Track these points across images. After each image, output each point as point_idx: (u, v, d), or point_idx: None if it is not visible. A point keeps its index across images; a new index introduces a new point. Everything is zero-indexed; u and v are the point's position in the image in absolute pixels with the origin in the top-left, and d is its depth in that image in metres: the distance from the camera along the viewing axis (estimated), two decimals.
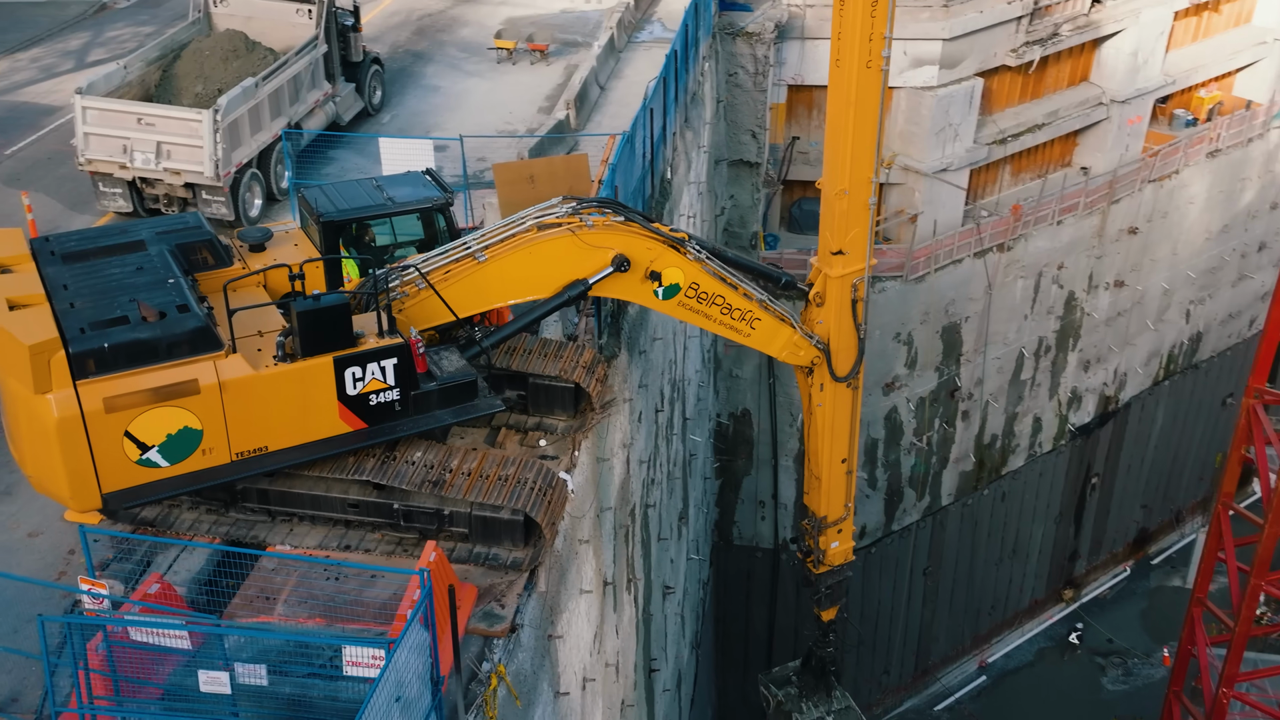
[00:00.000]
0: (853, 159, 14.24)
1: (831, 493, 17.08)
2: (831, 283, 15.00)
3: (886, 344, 33.04)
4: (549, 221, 12.52)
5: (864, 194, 14.58)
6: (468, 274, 12.17)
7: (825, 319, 15.37)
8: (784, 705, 19.46)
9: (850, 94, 13.90)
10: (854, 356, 15.75)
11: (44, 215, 19.24)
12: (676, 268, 13.49)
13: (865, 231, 14.84)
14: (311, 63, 20.58)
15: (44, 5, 29.08)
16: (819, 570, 17.99)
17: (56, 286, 10.76)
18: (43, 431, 10.33)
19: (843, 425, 16.43)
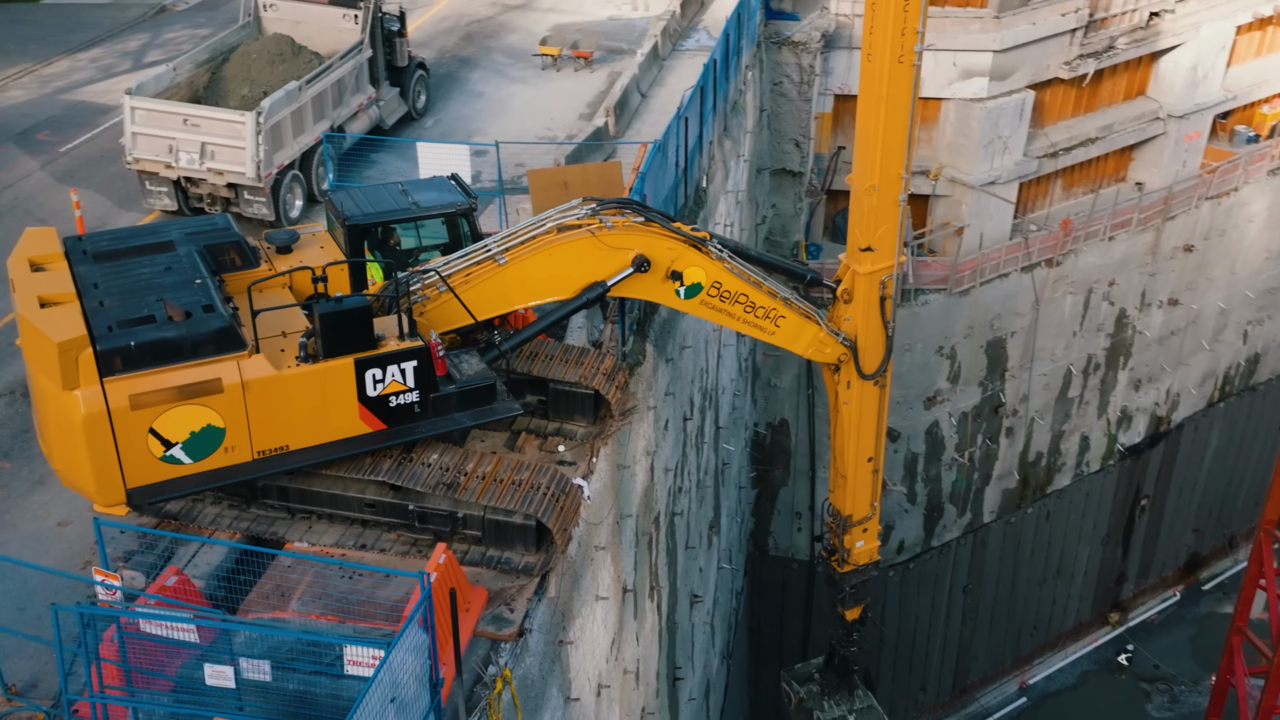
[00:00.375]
0: (883, 155, 14.09)
1: (857, 491, 16.94)
2: (860, 279, 14.87)
3: (928, 358, 32.70)
4: (569, 223, 12.59)
5: (894, 190, 14.45)
6: (488, 276, 12.27)
7: (853, 316, 15.25)
8: (805, 702, 19.34)
9: (882, 89, 13.76)
10: (882, 354, 15.61)
11: (93, 212, 19.79)
12: (698, 267, 13.49)
13: (895, 228, 14.71)
14: (356, 67, 20.91)
15: (106, 7, 29.88)
16: (843, 569, 17.87)
17: (87, 285, 11.00)
18: (70, 427, 10.56)
19: (869, 423, 16.28)
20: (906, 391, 33.15)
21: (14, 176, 21.01)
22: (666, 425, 18.50)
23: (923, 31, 13.96)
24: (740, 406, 29.22)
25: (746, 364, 30.42)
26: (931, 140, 32.55)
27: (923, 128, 32.55)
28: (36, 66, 25.95)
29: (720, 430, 25.52)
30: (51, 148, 22.10)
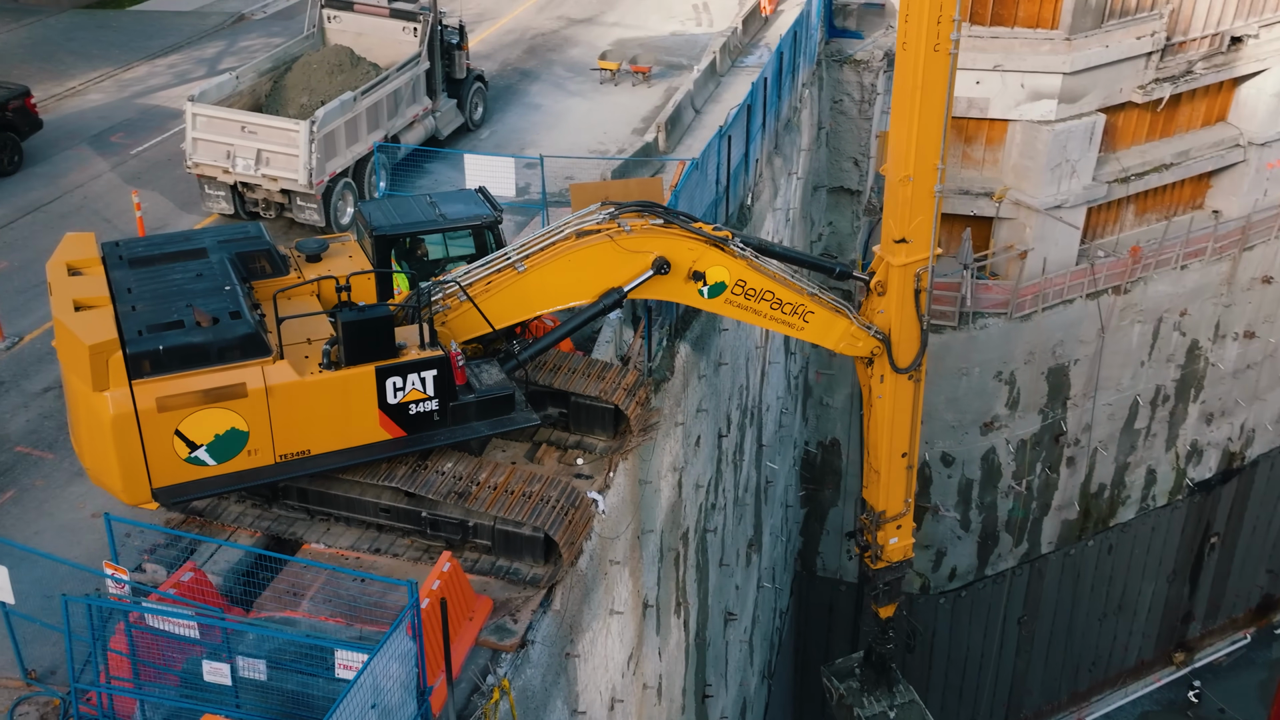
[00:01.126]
0: (918, 145, 13.85)
1: (891, 487, 16.70)
2: (893, 271, 14.65)
3: (986, 382, 32.15)
4: (588, 228, 12.66)
5: (929, 181, 14.21)
6: (508, 284, 12.41)
7: (886, 309, 15.02)
8: (846, 698, 19.15)
9: (917, 78, 13.53)
10: (916, 348, 15.35)
11: (155, 214, 20.53)
12: (721, 266, 13.45)
13: (930, 220, 14.48)
14: (413, 79, 21.35)
15: (187, 15, 30.96)
16: (876, 566, 17.65)
17: (121, 290, 11.34)
18: (99, 427, 10.86)
19: (904, 418, 16.02)
20: (962, 416, 32.63)
21: (85, 177, 21.89)
22: (698, 441, 18.50)
23: (959, 19, 13.68)
24: (788, 424, 29.04)
25: (797, 381, 30.25)
26: (997, 162, 32.04)
27: (988, 149, 32.09)
28: (117, 71, 27.00)
29: (763, 448, 25.41)
30: (123, 150, 22.98)
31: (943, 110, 13.79)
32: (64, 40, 28.77)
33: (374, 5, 22.03)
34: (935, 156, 14.07)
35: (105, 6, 31.51)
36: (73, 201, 20.99)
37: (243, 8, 31.21)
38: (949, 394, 32.21)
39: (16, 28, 29.64)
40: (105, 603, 10.04)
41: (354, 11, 22.12)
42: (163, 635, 10.04)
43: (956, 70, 14.00)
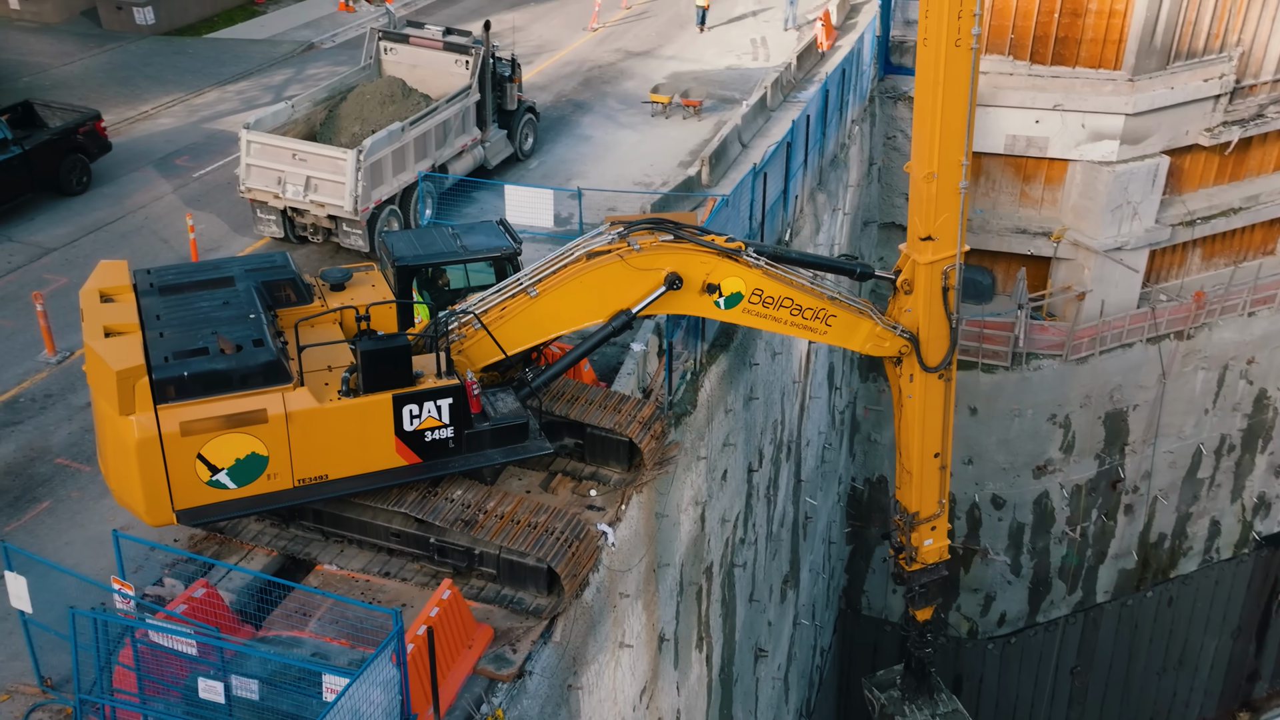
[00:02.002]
0: (941, 141, 13.70)
1: (924, 488, 16.46)
2: (920, 269, 14.47)
3: (1040, 425, 31.55)
4: (598, 249, 12.76)
5: (954, 177, 14.04)
6: (522, 310, 12.58)
7: (914, 307, 14.84)
8: (887, 708, 18.84)
9: (939, 73, 13.40)
10: (946, 347, 15.15)
11: (211, 235, 21.25)
12: (736, 277, 13.46)
13: (956, 216, 14.28)
14: (462, 110, 21.82)
15: (260, 43, 32.04)
16: (911, 568, 17.39)
17: (150, 316, 11.73)
18: (124, 450, 11.19)
19: (935, 418, 15.78)
20: (1014, 458, 32.04)
21: (148, 198, 22.75)
22: (725, 476, 18.50)
23: (980, 14, 13.54)
24: (832, 460, 28.83)
25: (843, 416, 30.03)
26: (1056, 201, 31.57)
27: (1047, 188, 31.66)
28: (188, 96, 28.04)
29: (802, 483, 25.26)
30: (186, 173, 23.83)
31: (966, 106, 13.63)
32: (141, 66, 29.98)
33: (429, 39, 22.61)
34: (959, 152, 13.90)
35: (183, 34, 32.77)
36: (134, 222, 21.82)
37: (313, 37, 32.20)
38: (1000, 435, 31.68)
39: (100, 53, 30.96)
40: (110, 617, 10.39)
41: (410, 44, 22.72)
42: (165, 651, 10.36)
43: (979, 65, 13.83)
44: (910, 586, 17.62)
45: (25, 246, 20.84)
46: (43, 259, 20.48)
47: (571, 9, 34.75)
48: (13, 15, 33.21)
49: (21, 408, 16.29)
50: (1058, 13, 29.14)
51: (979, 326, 30.58)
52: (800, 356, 23.08)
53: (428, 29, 22.90)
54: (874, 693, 19.11)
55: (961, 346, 30.62)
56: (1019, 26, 29.64)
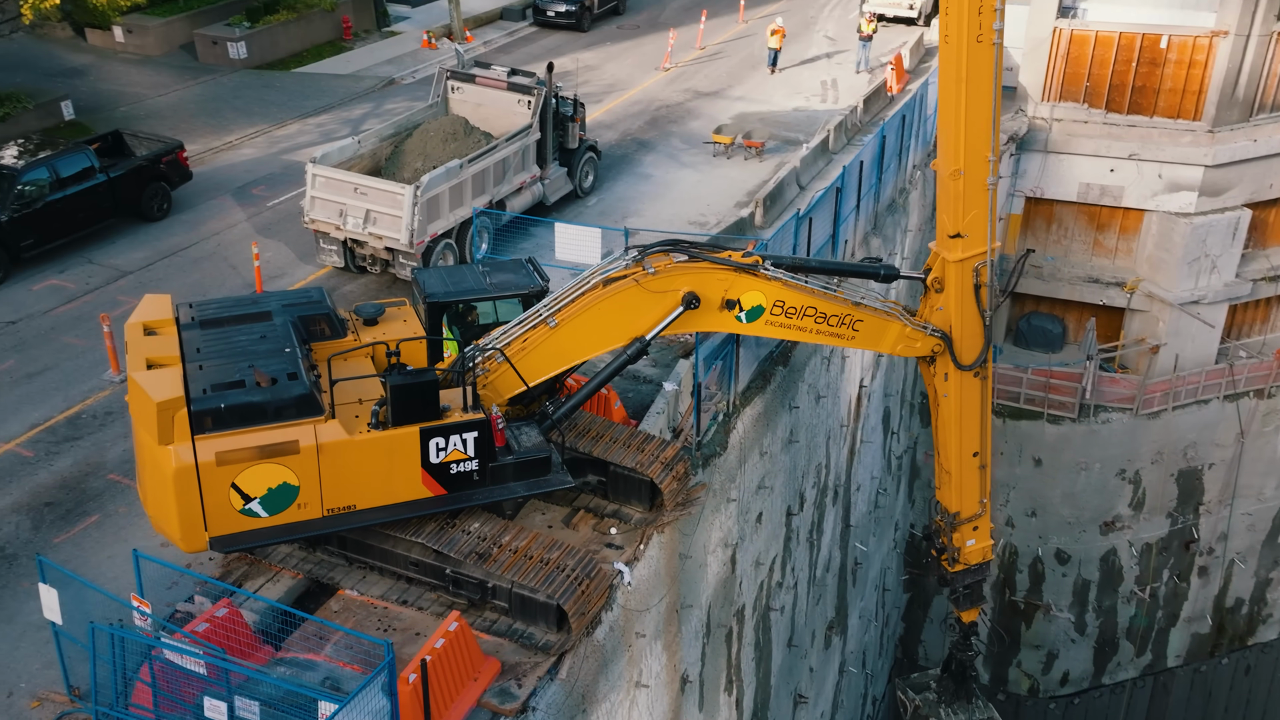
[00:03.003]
0: (967, 138, 13.56)
1: (964, 488, 16.17)
2: (950, 267, 14.29)
3: (1108, 480, 30.71)
4: (614, 275, 12.90)
5: (981, 174, 13.85)
6: (543, 341, 12.78)
7: (946, 305, 14.62)
8: (921, 710, 18.42)
9: (961, 70, 13.27)
10: (979, 344, 14.91)
11: (277, 263, 22.08)
12: (755, 291, 13.45)
13: (985, 213, 14.09)
14: (522, 148, 22.35)
15: (344, 78, 33.23)
16: (954, 569, 17.08)
17: (191, 349, 12.17)
18: (162, 478, 11.56)
19: (972, 417, 15.51)
20: (1080, 513, 31.24)
21: (222, 225, 23.75)
22: (759, 518, 18.46)
23: (1001, 9, 13.39)
24: (887, 505, 28.47)
25: (900, 461, 29.66)
26: (1130, 251, 30.90)
27: (1121, 237, 31.01)
28: (271, 128, 29.20)
29: (851, 528, 25.01)
30: (260, 202, 24.82)
31: (990, 102, 13.49)
32: (231, 98, 31.34)
33: (494, 79, 23.24)
34: (985, 149, 13.73)
35: (273, 68, 34.16)
36: (207, 248, 22.79)
37: (394, 73, 33.29)
38: (1066, 488, 30.93)
39: (194, 85, 32.46)
40: (126, 633, 10.85)
41: (476, 84, 23.38)
42: (178, 670, 10.78)
43: (1002, 60, 13.68)
44: (954, 588, 17.33)
45: (104, 269, 21.93)
46: (119, 281, 21.52)
47: (646, 49, 35.31)
48: (117, 47, 35.04)
49: (83, 424, 17.12)
50: (1135, 62, 28.70)
51: (1045, 376, 30.03)
52: (849, 400, 22.94)
53: (493, 69, 23.56)
54: (908, 694, 18.73)
55: (1027, 396, 30.27)
56: (1094, 74, 29.24)
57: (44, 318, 20.18)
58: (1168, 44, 28.20)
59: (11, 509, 15.43)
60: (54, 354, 19.00)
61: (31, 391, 18.03)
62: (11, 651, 13.19)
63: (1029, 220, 31.41)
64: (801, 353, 19.18)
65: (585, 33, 37.13)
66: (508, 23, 38.41)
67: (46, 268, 21.79)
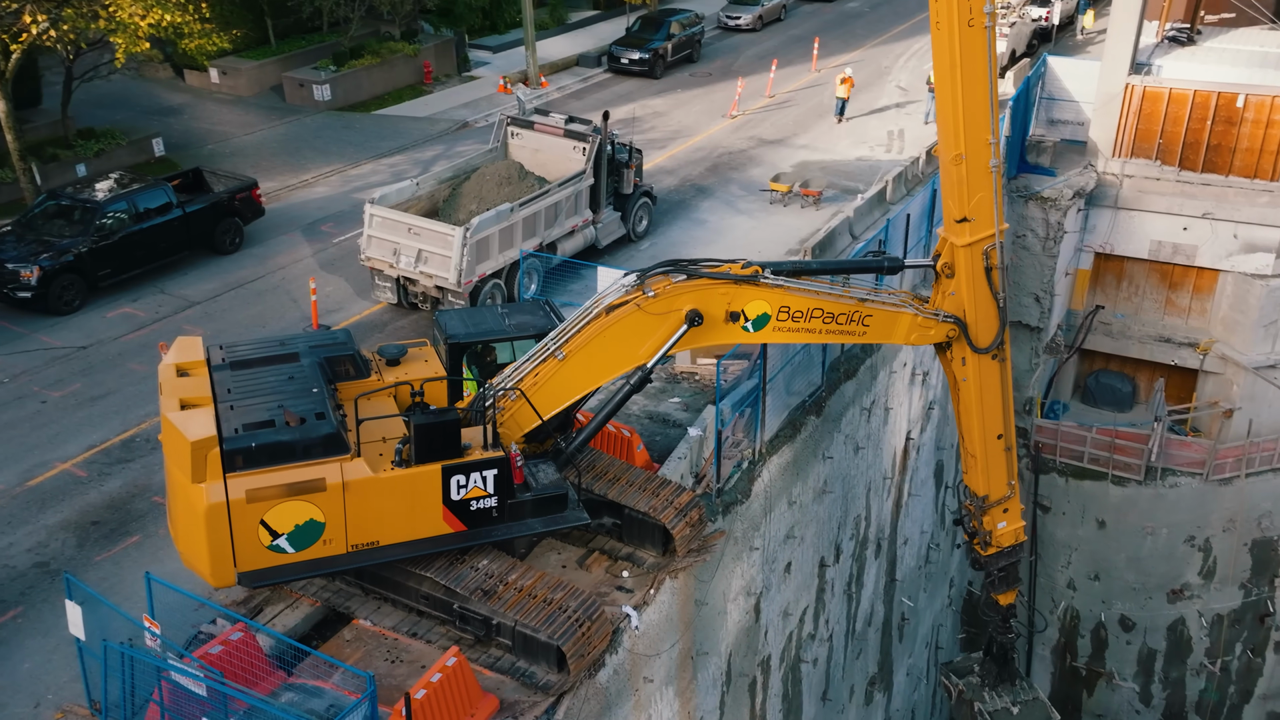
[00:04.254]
0: (965, 123, 13.33)
1: (991, 470, 15.88)
2: (959, 252, 14.12)
3: (1175, 546, 29.62)
4: (616, 302, 13.04)
5: (983, 157, 13.67)
6: (553, 374, 12.99)
7: (958, 290, 14.45)
8: (966, 694, 18.00)
9: (954, 55, 13.07)
10: (995, 327, 14.70)
11: (334, 298, 22.86)
12: (758, 300, 13.46)
13: (990, 195, 13.91)
14: (575, 193, 22.84)
15: (420, 120, 34.34)
16: (987, 553, 16.78)
17: (222, 389, 12.60)
18: (194, 515, 11.95)
19: (993, 399, 15.26)
20: (1145, 579, 30.16)
21: (289, 260, 24.69)
22: (788, 568, 18.36)
23: None
24: (939, 560, 27.94)
25: (956, 517, 29.04)
26: (1204, 312, 29.98)
27: (1195, 297, 30.13)
28: (346, 167, 30.31)
29: (896, 582, 24.61)
30: (327, 238, 25.75)
31: (986, 85, 13.31)
32: (311, 138, 32.63)
33: (551, 125, 23.84)
34: (985, 132, 13.54)
35: (355, 109, 35.48)
36: (272, 281, 23.71)
37: (468, 116, 34.28)
38: (1130, 553, 29.93)
39: (279, 124, 33.89)
40: (135, 652, 11.30)
41: (534, 130, 24.01)
42: (185, 692, 11.19)
43: (996, 42, 13.48)
44: (989, 571, 17.04)
45: (174, 298, 22.97)
46: (186, 310, 22.52)
47: (715, 96, 35.74)
48: (212, 88, 36.81)
49: (136, 447, 17.92)
50: (1210, 120, 28.03)
51: (1110, 436, 29.20)
52: (895, 452, 22.69)
53: (551, 117, 24.16)
54: (951, 679, 18.32)
55: (1091, 455, 29.48)
56: (1168, 132, 28.64)
57: (113, 344, 21.21)
58: (1244, 103, 27.49)
59: (60, 526, 16.23)
60: (117, 379, 19.95)
61: (93, 414, 18.95)
62: (44, 664, 13.84)
63: (1098, 276, 30.74)
64: (837, 403, 19.11)
65: (658, 79, 37.76)
66: (583, 69, 39.27)
67: (121, 296, 22.93)
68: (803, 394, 18.16)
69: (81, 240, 22.40)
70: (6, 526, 16.23)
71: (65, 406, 19.23)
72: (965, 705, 18.02)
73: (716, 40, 43.14)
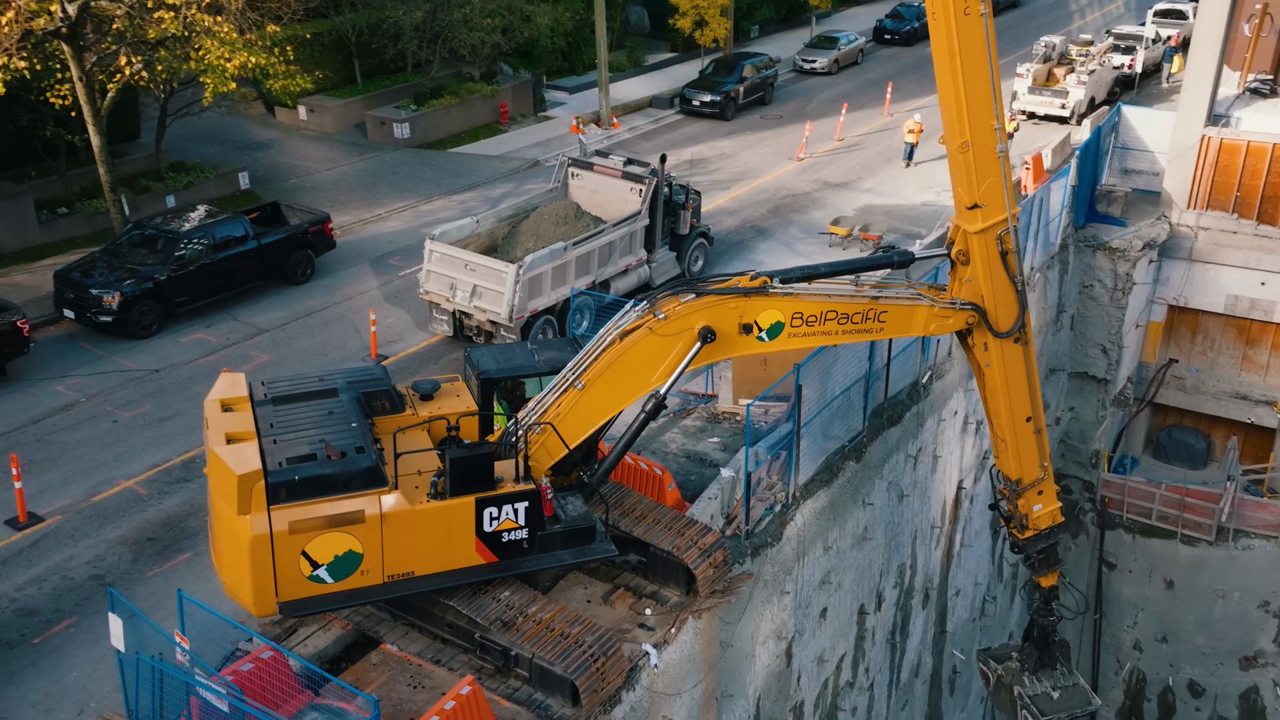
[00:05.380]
0: (969, 110, 13.21)
1: (1022, 453, 15.63)
2: (973, 239, 13.98)
3: (1249, 610, 28.54)
4: (629, 327, 13.15)
5: (989, 143, 13.50)
6: (574, 404, 13.22)
7: (974, 276, 14.30)
8: (1005, 679, 17.67)
9: (953, 45, 12.95)
10: (1015, 310, 14.51)
11: (394, 329, 23.57)
12: (770, 310, 13.49)
13: (999, 181, 13.78)
14: (629, 233, 23.24)
15: (493, 159, 35.24)
16: (1025, 535, 16.51)
17: (265, 424, 13.03)
18: (239, 546, 12.31)
19: (1019, 383, 15.06)
20: (1217, 644, 29.09)
21: (355, 291, 25.54)
22: (824, 614, 18.25)
23: None
24: (996, 614, 27.36)
25: (1017, 569, 28.44)
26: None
27: (1273, 354, 29.24)
28: (418, 203, 31.24)
29: (946, 634, 24.19)
30: (394, 271, 26.57)
31: (987, 72, 13.21)
32: (388, 174, 33.73)
33: (609, 167, 24.33)
34: (989, 118, 13.41)
35: (432, 147, 36.58)
36: (337, 311, 24.55)
37: (539, 155, 35.06)
38: (1201, 616, 28.92)
39: (359, 161, 35.11)
40: (164, 665, 11.81)
41: (593, 171, 24.53)
42: (212, 708, 11.65)
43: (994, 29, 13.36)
44: (1028, 554, 16.78)
45: (244, 325, 23.93)
46: (255, 338, 23.44)
47: (784, 139, 35.97)
48: (300, 125, 38.32)
49: (195, 467, 18.68)
50: None
51: (1180, 493, 28.36)
52: (945, 501, 22.41)
53: (610, 158, 24.67)
54: (990, 665, 17.99)
55: (1160, 513, 28.64)
56: (1245, 185, 27.96)
57: (184, 367, 22.18)
58: None
59: (118, 541, 17.00)
60: (185, 401, 20.84)
61: (159, 434, 19.83)
62: (91, 673, 14.52)
63: (1171, 329, 30.02)
64: (879, 449, 19.02)
65: (728, 121, 38.15)
66: (655, 110, 39.88)
67: (196, 322, 23.97)
68: (842, 439, 18.12)
69: (161, 268, 23.52)
70: (69, 540, 17.06)
71: (134, 426, 20.15)
72: (1004, 690, 17.71)
73: (791, 83, 43.43)
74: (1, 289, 24.64)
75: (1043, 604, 17.26)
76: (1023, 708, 17.28)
